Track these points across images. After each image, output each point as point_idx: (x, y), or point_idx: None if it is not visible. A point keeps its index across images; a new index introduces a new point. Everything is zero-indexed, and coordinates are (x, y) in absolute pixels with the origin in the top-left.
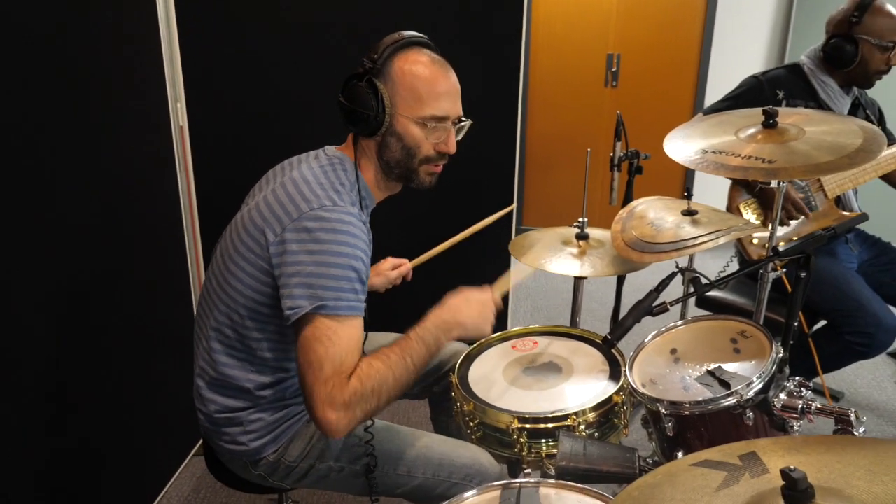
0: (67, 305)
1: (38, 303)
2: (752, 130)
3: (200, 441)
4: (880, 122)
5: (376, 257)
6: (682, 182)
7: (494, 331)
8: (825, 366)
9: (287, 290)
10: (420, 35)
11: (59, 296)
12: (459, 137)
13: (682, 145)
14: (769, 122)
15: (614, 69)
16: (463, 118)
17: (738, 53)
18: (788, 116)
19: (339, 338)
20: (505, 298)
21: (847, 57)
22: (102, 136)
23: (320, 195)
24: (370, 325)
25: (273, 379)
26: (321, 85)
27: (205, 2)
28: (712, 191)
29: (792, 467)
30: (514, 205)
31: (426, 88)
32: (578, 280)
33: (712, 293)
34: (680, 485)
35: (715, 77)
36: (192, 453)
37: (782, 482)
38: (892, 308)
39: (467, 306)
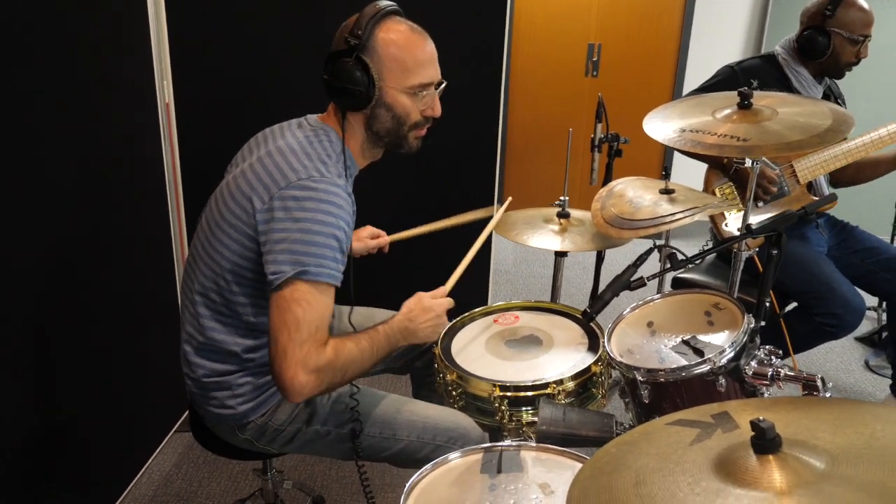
0: (53, 276)
1: (25, 273)
2: (727, 111)
3: (184, 415)
4: None
5: (359, 227)
6: (659, 167)
7: (471, 301)
8: (796, 346)
9: (271, 255)
10: (393, 3)
11: (45, 266)
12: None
13: (661, 125)
14: (744, 104)
15: (595, 59)
16: (442, 80)
17: (716, 44)
18: (762, 99)
19: (318, 303)
20: (484, 275)
21: (820, 48)
22: (90, 111)
23: (308, 166)
24: (347, 296)
25: (260, 342)
26: (306, 60)
27: None
28: (689, 175)
29: (761, 418)
30: (510, 199)
31: (412, 58)
32: (559, 257)
33: (687, 275)
34: (656, 441)
35: (693, 67)
36: (174, 429)
37: (752, 434)
38: (859, 290)
39: (425, 318)
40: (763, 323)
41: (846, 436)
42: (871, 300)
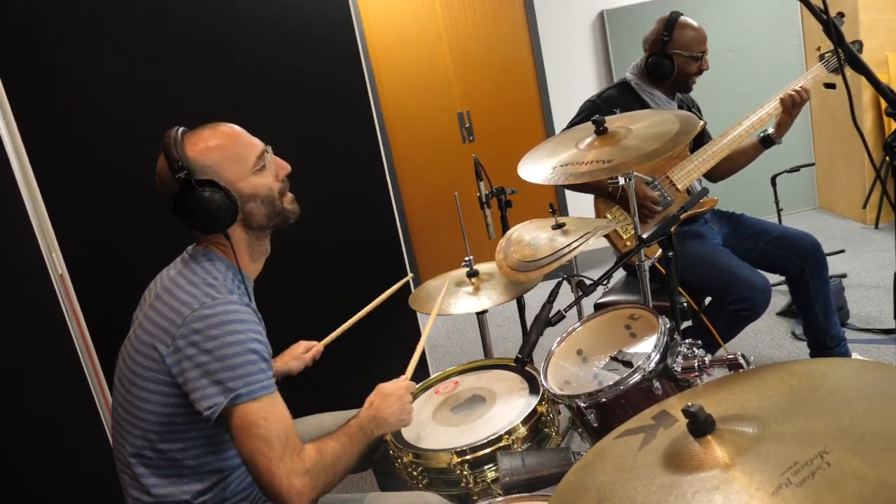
0: None
1: None
2: (588, 140)
3: None
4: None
5: (286, 346)
6: (555, 204)
7: (415, 383)
8: (723, 336)
9: (198, 392)
10: (179, 126)
11: None
12: None
13: (534, 168)
14: (600, 130)
15: (467, 125)
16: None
17: (572, 82)
18: (615, 122)
19: (273, 416)
20: (422, 358)
21: (666, 71)
22: None
23: (197, 294)
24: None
25: (209, 484)
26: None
27: (57, 147)
28: (585, 208)
29: (689, 404)
30: (410, 275)
31: (234, 146)
32: (481, 315)
33: (604, 298)
34: (608, 457)
35: (558, 108)
36: None
37: (687, 422)
38: (760, 271)
39: (388, 404)
40: (689, 322)
41: (769, 398)
42: (777, 276)
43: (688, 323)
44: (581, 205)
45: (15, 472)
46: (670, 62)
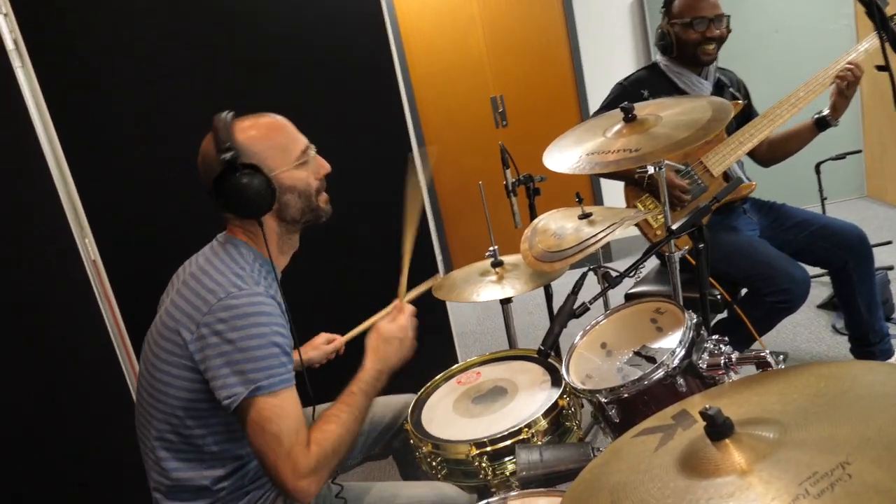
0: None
1: None
2: (617, 128)
3: None
4: (746, 98)
5: (309, 335)
6: (589, 193)
7: (442, 369)
8: (759, 329)
9: (219, 381)
10: (228, 111)
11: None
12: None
13: (560, 157)
14: (629, 118)
15: (501, 110)
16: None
17: (608, 65)
18: (644, 108)
19: (287, 412)
20: (449, 339)
21: (668, 44)
22: (18, 288)
23: (224, 283)
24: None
25: (228, 470)
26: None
27: (90, 135)
28: (618, 193)
29: (707, 406)
30: (439, 275)
31: (281, 137)
32: (505, 304)
33: (636, 289)
34: (624, 456)
35: (594, 94)
36: None
37: (704, 424)
38: (799, 263)
39: (389, 347)
40: (724, 314)
41: (793, 401)
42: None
43: (722, 315)
44: (617, 192)
45: (48, 451)
46: (669, 34)
